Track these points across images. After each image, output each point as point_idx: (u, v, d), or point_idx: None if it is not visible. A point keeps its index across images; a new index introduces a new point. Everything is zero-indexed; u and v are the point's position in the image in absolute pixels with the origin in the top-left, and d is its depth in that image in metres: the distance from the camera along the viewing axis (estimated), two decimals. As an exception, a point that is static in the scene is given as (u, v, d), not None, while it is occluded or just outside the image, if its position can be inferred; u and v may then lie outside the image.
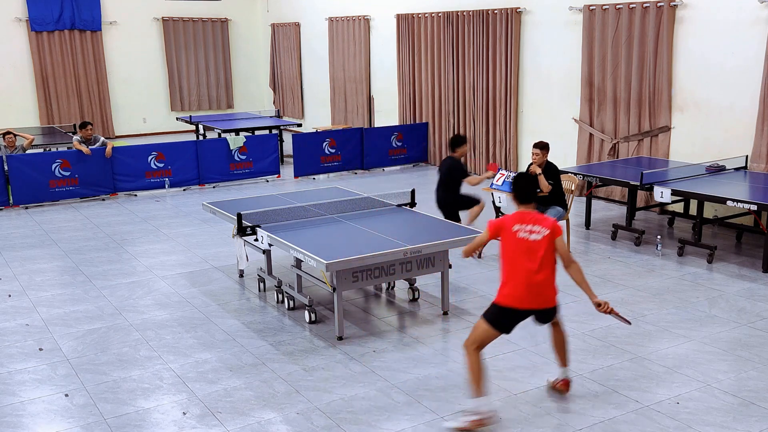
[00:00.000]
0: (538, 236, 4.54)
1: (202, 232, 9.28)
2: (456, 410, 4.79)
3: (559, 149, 10.79)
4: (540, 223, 4.58)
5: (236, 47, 19.16)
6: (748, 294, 6.79)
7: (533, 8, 11.20)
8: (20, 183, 10.69)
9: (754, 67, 8.51)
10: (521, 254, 4.53)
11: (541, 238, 4.54)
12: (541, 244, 4.53)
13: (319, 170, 12.81)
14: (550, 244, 4.54)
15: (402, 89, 14.09)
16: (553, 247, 4.56)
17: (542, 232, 4.55)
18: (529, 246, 4.53)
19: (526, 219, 4.60)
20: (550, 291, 4.61)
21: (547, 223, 4.58)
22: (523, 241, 4.55)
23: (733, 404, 4.81)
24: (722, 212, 8.68)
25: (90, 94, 17.31)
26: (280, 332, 6.13)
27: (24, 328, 6.31)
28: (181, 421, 4.74)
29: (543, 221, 4.60)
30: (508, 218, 4.65)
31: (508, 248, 4.59)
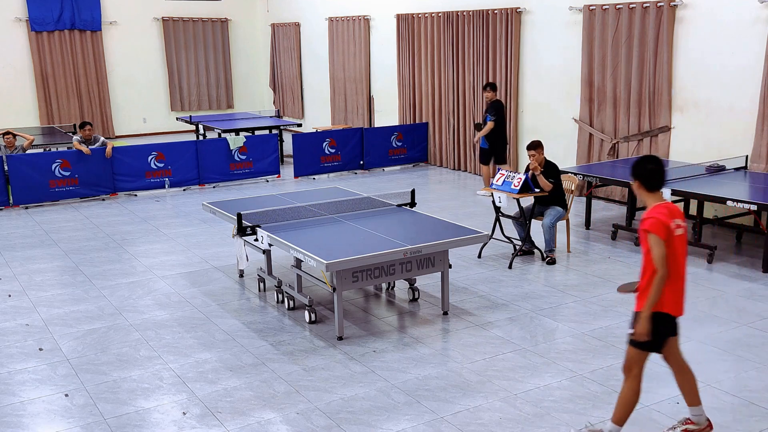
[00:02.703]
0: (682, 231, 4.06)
1: (202, 232, 9.28)
2: (456, 410, 4.79)
3: (559, 149, 10.79)
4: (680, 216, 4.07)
5: (236, 47, 19.16)
6: (748, 294, 6.79)
7: (533, 8, 11.20)
8: (20, 183, 10.69)
9: (754, 67, 8.51)
10: (684, 254, 4.04)
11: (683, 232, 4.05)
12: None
13: (319, 170, 12.81)
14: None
15: (402, 89, 14.09)
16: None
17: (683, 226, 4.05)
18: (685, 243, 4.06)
19: (674, 212, 4.04)
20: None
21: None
22: (682, 239, 4.04)
23: (733, 404, 4.81)
24: (722, 212, 8.68)
25: (90, 94, 17.31)
26: (280, 332, 6.13)
27: (24, 328, 6.31)
28: (181, 421, 4.74)
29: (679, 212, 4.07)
30: (663, 214, 4.01)
31: (672, 250, 4.02)
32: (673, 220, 4.02)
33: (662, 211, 4.02)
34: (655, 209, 4.04)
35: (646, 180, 4.07)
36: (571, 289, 7.03)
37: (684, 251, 4.09)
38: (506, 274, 7.48)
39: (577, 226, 9.23)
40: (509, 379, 5.22)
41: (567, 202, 8.11)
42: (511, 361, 5.51)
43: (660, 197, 4.09)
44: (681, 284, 4.09)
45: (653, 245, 3.97)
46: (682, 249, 4.07)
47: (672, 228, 3.99)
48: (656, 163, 4.07)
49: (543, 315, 6.38)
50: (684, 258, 4.09)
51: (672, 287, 4.04)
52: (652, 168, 4.05)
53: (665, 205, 4.06)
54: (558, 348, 5.71)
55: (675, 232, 4.01)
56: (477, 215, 9.73)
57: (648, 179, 4.07)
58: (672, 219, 4.02)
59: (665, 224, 3.97)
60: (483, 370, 5.37)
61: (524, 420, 4.67)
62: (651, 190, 4.08)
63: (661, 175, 4.05)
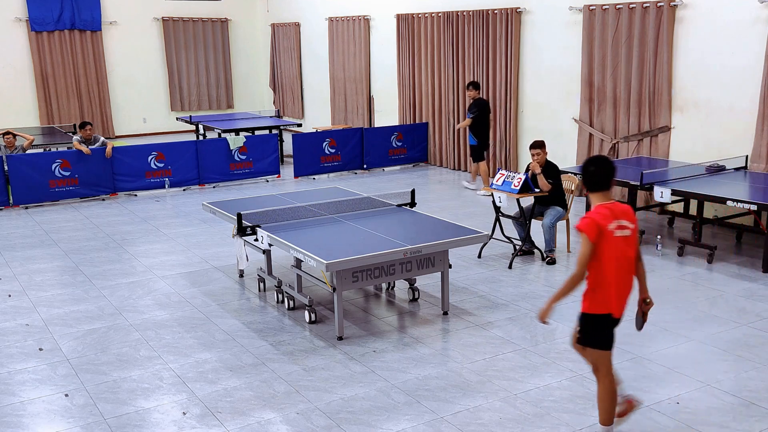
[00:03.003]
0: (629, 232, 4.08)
1: (202, 232, 9.28)
2: (456, 410, 4.79)
3: (559, 149, 10.78)
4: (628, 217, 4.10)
5: (236, 47, 19.16)
6: (748, 294, 6.79)
7: (533, 8, 11.20)
8: (20, 183, 10.69)
9: (754, 67, 8.51)
10: (626, 256, 4.07)
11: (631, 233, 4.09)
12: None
13: (319, 170, 12.81)
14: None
15: (402, 89, 14.09)
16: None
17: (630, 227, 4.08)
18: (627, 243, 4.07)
19: (619, 213, 4.07)
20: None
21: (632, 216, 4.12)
22: (627, 240, 4.06)
23: (733, 404, 4.81)
24: (722, 212, 8.67)
25: (90, 94, 17.31)
26: (280, 332, 6.13)
27: (24, 328, 6.31)
28: (181, 421, 4.74)
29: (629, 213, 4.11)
30: (601, 214, 4.03)
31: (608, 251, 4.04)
32: (615, 221, 4.03)
33: (601, 212, 4.04)
34: (596, 209, 4.07)
35: (587, 181, 4.12)
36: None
37: (627, 252, 4.08)
38: (506, 274, 7.48)
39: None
40: (509, 379, 5.22)
41: (567, 202, 8.11)
42: (511, 361, 5.51)
43: (604, 197, 4.10)
44: (624, 285, 4.11)
45: (582, 244, 4.05)
46: (624, 250, 4.06)
47: (609, 229, 4.00)
48: (598, 165, 4.09)
49: (543, 315, 6.37)
50: (626, 259, 4.08)
51: (614, 289, 4.07)
52: (593, 170, 4.08)
53: (608, 205, 4.07)
54: (558, 348, 5.71)
55: (614, 233, 4.02)
56: (477, 215, 9.73)
57: (589, 180, 4.11)
58: (613, 220, 4.03)
59: (599, 225, 3.99)
60: (483, 370, 5.37)
61: (524, 420, 4.67)
62: (592, 190, 4.12)
63: (601, 176, 4.07)
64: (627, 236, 4.07)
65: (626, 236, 4.07)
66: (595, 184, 4.09)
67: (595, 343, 4.23)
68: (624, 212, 4.09)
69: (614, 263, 4.04)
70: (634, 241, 4.12)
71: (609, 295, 4.09)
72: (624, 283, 4.13)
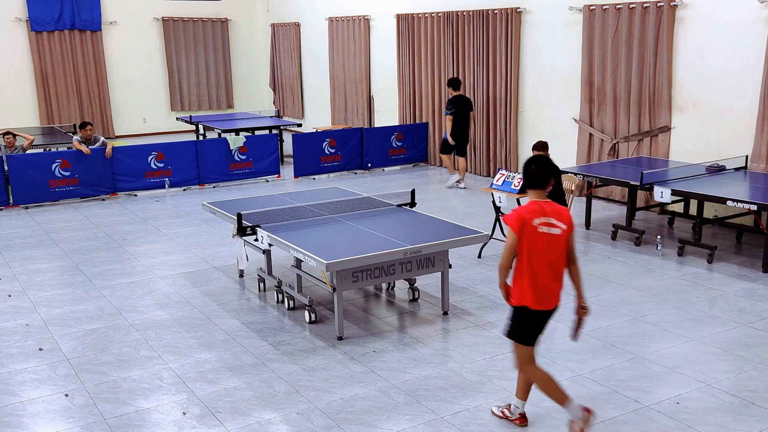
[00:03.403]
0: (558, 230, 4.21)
1: (202, 232, 9.28)
2: (456, 410, 4.79)
3: (559, 149, 10.78)
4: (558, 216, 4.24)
5: (236, 47, 19.16)
6: (748, 294, 6.79)
7: (533, 8, 11.20)
8: (20, 183, 10.69)
9: (754, 67, 8.51)
10: (550, 253, 4.20)
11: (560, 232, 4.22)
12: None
13: (319, 170, 12.81)
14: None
15: (402, 89, 14.09)
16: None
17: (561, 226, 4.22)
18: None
19: (548, 211, 4.22)
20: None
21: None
22: (552, 238, 4.19)
23: (733, 404, 4.81)
24: (722, 212, 8.67)
25: (90, 94, 17.31)
26: (280, 332, 6.13)
27: (24, 328, 6.31)
28: (181, 421, 4.74)
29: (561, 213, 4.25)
30: (528, 210, 4.20)
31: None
32: (543, 218, 4.16)
33: (530, 207, 4.19)
34: (527, 204, 4.24)
35: (527, 178, 4.28)
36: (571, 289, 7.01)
37: (551, 249, 4.19)
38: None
39: (577, 226, 9.18)
40: (509, 379, 5.21)
41: (567, 202, 8.11)
42: (511, 361, 5.50)
43: (539, 195, 4.24)
44: (542, 280, 4.21)
45: (507, 236, 4.24)
46: (548, 246, 4.17)
47: (533, 224, 4.14)
48: (539, 164, 4.24)
49: (543, 315, 6.37)
50: (549, 255, 4.19)
51: (531, 282, 4.20)
52: (534, 168, 4.24)
53: (540, 202, 4.21)
54: (558, 348, 5.71)
55: (538, 228, 4.15)
56: (477, 215, 9.73)
57: (528, 178, 4.26)
58: (540, 216, 4.16)
59: (524, 219, 4.14)
60: (483, 370, 5.37)
61: (524, 420, 4.66)
62: (530, 187, 4.27)
63: (540, 175, 4.21)
64: (555, 234, 4.19)
65: (553, 234, 4.18)
66: (534, 182, 4.24)
67: (515, 336, 4.36)
68: (557, 212, 4.22)
69: (534, 257, 4.17)
70: (563, 241, 4.23)
71: (525, 288, 4.22)
72: (543, 279, 4.22)
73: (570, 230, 4.25)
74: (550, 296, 4.28)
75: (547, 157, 4.31)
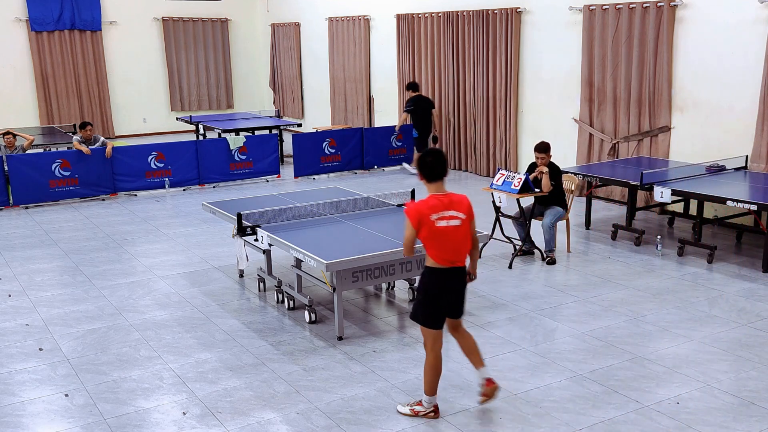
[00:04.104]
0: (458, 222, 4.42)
1: (202, 232, 9.28)
2: (456, 410, 4.79)
3: (559, 149, 10.76)
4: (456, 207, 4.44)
5: (236, 47, 19.15)
6: (748, 294, 6.79)
7: (533, 8, 11.20)
8: (20, 183, 10.69)
9: (754, 67, 8.51)
10: (451, 245, 4.45)
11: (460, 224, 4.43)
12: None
13: (319, 170, 12.81)
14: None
15: (402, 89, 14.08)
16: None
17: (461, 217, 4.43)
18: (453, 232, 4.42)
19: (447, 204, 4.42)
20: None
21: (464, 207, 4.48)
22: (453, 230, 4.41)
23: (733, 404, 4.81)
24: (722, 212, 8.67)
25: (90, 94, 17.30)
26: (280, 332, 6.13)
27: (24, 328, 6.31)
28: (181, 421, 4.74)
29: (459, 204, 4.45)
30: (427, 204, 4.40)
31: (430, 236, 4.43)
32: (444, 211, 4.36)
33: (429, 202, 4.38)
34: (427, 198, 4.43)
35: (425, 172, 4.42)
36: (571, 289, 7.03)
37: (451, 241, 4.40)
38: (506, 274, 7.48)
39: (577, 226, 9.22)
40: (509, 379, 5.22)
41: (567, 202, 8.11)
42: (511, 361, 5.51)
43: (436, 188, 4.43)
44: (446, 262, 4.44)
45: (406, 228, 4.45)
46: (448, 238, 4.39)
47: (431, 219, 4.34)
48: (435, 157, 4.41)
49: (543, 315, 6.38)
50: (451, 246, 4.39)
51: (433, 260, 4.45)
52: (430, 161, 4.39)
53: (438, 196, 4.40)
54: (558, 348, 5.71)
55: (436, 224, 4.35)
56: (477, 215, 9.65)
57: (426, 171, 4.41)
58: (441, 210, 4.36)
59: (421, 213, 4.35)
60: (483, 370, 5.36)
61: (524, 420, 4.67)
62: (429, 180, 4.44)
63: (437, 167, 4.39)
64: (454, 226, 4.40)
65: (453, 226, 4.40)
66: (432, 175, 4.41)
67: (420, 319, 4.59)
68: (455, 203, 4.43)
69: (434, 248, 4.41)
70: (464, 230, 4.46)
71: (430, 276, 4.48)
72: (447, 262, 4.44)
73: (470, 219, 4.49)
74: (454, 278, 4.52)
75: (439, 150, 4.53)
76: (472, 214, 4.52)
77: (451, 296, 4.57)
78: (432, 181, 4.44)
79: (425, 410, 4.70)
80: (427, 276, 4.54)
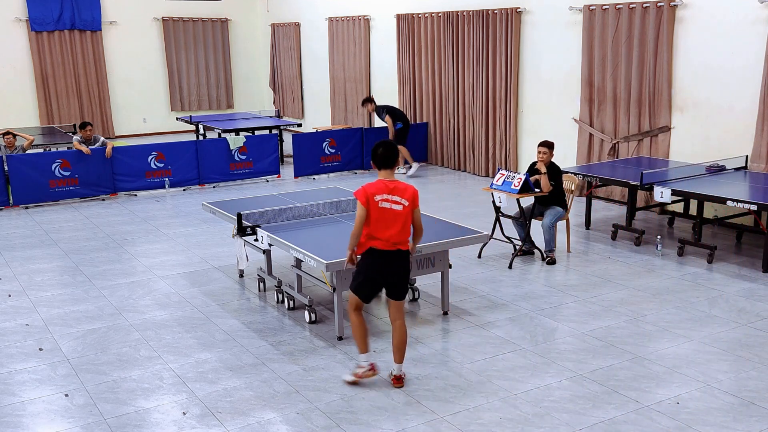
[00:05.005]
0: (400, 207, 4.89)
1: (202, 232, 9.28)
2: (456, 410, 4.79)
3: (559, 149, 10.73)
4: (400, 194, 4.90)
5: (236, 47, 19.15)
6: (748, 294, 6.79)
7: (533, 8, 11.20)
8: (20, 183, 10.69)
9: (754, 67, 8.51)
10: (389, 223, 4.90)
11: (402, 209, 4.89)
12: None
13: (319, 170, 12.81)
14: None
15: (402, 89, 14.08)
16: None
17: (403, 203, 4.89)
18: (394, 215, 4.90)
19: (392, 189, 4.90)
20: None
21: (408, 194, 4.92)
22: (391, 212, 4.88)
23: (733, 404, 4.81)
24: (722, 212, 8.68)
25: (90, 94, 17.30)
26: (280, 332, 6.13)
27: (24, 328, 6.31)
28: (181, 421, 4.74)
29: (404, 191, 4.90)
30: (373, 186, 4.90)
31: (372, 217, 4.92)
32: (387, 195, 4.88)
33: (376, 185, 4.90)
34: (374, 182, 4.94)
35: (376, 161, 4.97)
36: (571, 289, 7.03)
37: (391, 223, 4.88)
38: (506, 274, 7.48)
39: (577, 226, 9.22)
40: (509, 379, 5.22)
41: (567, 202, 8.11)
42: (511, 361, 5.51)
43: (385, 175, 4.97)
44: (383, 244, 4.91)
45: (357, 207, 4.91)
46: (389, 218, 4.88)
47: (375, 200, 4.87)
48: (386, 148, 4.95)
49: (543, 315, 6.38)
50: (389, 224, 4.88)
51: (370, 244, 4.93)
52: (381, 151, 4.93)
53: (385, 182, 4.93)
54: (558, 348, 5.71)
55: (379, 204, 4.87)
56: (477, 215, 9.73)
57: (378, 160, 4.96)
58: (384, 193, 4.88)
59: (368, 193, 4.87)
60: (483, 370, 5.37)
61: (524, 420, 4.67)
62: (380, 168, 4.99)
63: (387, 157, 4.94)
64: (396, 210, 4.89)
65: (394, 210, 4.89)
66: (382, 164, 4.97)
67: (353, 287, 5.09)
68: (401, 190, 4.92)
69: (375, 227, 4.90)
70: (405, 215, 4.92)
71: (368, 245, 4.95)
72: (384, 244, 4.91)
73: (412, 206, 4.94)
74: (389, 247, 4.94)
75: (390, 141, 5.03)
76: (416, 203, 4.96)
77: (392, 278, 5.00)
78: (382, 168, 4.98)
79: (364, 370, 5.08)
80: (369, 257, 4.97)
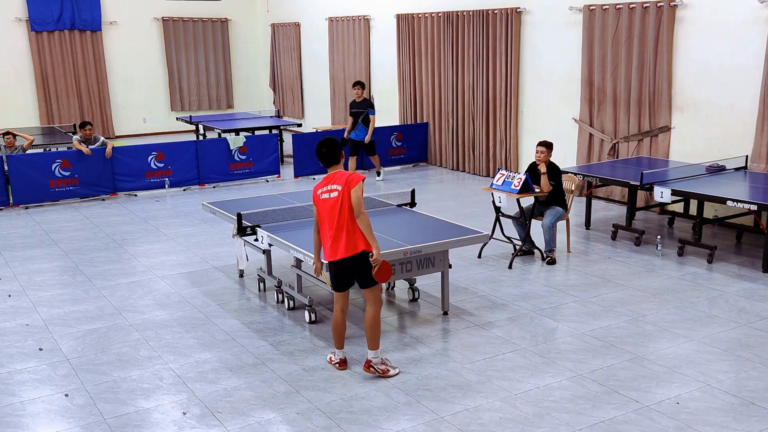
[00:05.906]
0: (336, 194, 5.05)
1: (202, 232, 9.28)
2: (456, 410, 4.79)
3: (559, 149, 10.75)
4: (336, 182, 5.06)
5: (236, 47, 19.16)
6: (748, 294, 6.79)
7: (533, 8, 11.20)
8: (20, 183, 10.69)
9: (754, 67, 8.51)
10: (326, 215, 5.10)
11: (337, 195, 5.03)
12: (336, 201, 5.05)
13: (319, 170, 12.77)
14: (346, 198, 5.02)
15: (402, 89, 14.09)
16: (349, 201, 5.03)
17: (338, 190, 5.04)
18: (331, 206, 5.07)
19: (331, 180, 5.11)
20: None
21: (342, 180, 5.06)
22: (327, 202, 5.08)
23: (733, 404, 4.82)
24: (722, 212, 8.68)
25: (90, 94, 17.31)
26: (280, 332, 6.13)
27: (24, 328, 6.31)
28: (181, 421, 4.74)
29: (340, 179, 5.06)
30: (319, 183, 5.16)
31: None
32: (327, 186, 5.07)
33: (321, 182, 5.13)
34: (321, 180, 5.16)
35: (322, 159, 5.18)
36: (571, 289, 7.03)
37: (333, 211, 5.02)
38: (506, 274, 7.48)
39: (577, 226, 9.23)
40: (509, 379, 5.22)
41: (567, 202, 8.11)
42: (511, 361, 5.51)
43: (331, 170, 5.16)
44: (330, 237, 5.08)
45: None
46: (330, 209, 5.04)
47: (317, 193, 5.12)
48: (327, 147, 5.14)
49: (543, 315, 6.38)
50: (333, 216, 5.02)
51: (324, 240, 5.18)
52: (324, 151, 5.14)
53: (330, 175, 5.13)
54: (558, 348, 5.71)
55: (320, 197, 5.11)
56: (477, 215, 9.73)
57: (323, 159, 5.18)
58: (325, 185, 5.08)
59: (314, 191, 5.18)
60: (483, 370, 5.37)
61: (524, 420, 4.67)
62: (326, 165, 5.19)
63: (331, 155, 5.14)
64: (333, 198, 5.03)
65: (332, 198, 5.04)
66: (327, 162, 5.19)
67: (331, 284, 5.30)
68: (339, 179, 5.06)
69: (322, 219, 5.14)
70: (340, 201, 5.00)
71: (325, 245, 5.19)
72: (330, 235, 5.08)
73: (346, 189, 4.99)
74: (337, 249, 5.06)
75: (333, 138, 5.19)
76: (351, 185, 5.00)
77: (354, 276, 5.18)
78: (328, 166, 5.18)
79: (334, 361, 5.43)
80: (330, 267, 5.20)
